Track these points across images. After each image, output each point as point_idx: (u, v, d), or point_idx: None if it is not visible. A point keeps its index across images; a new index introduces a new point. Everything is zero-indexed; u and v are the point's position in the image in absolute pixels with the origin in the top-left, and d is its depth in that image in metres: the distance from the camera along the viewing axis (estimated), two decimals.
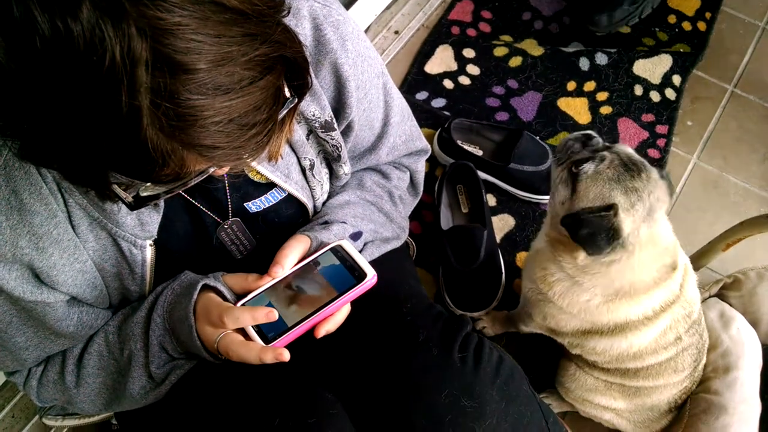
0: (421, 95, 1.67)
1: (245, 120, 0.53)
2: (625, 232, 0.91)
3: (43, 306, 0.76)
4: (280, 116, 0.59)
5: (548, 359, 1.23)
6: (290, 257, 0.81)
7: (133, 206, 0.61)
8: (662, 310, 1.01)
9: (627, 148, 0.98)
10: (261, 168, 0.82)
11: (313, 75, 0.79)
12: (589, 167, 0.93)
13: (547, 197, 1.29)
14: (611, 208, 0.90)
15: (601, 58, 1.71)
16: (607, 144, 1.00)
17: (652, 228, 0.95)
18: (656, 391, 1.11)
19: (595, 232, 0.90)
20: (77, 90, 0.46)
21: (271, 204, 0.88)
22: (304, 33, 0.79)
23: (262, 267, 0.80)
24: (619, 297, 0.99)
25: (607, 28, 1.73)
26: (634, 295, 0.98)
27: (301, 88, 0.62)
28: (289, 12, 0.57)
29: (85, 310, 0.82)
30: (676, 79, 1.69)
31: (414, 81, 1.69)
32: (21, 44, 0.45)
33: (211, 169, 0.59)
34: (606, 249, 0.91)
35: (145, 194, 0.60)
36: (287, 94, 0.60)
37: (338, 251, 0.82)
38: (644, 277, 0.98)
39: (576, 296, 1.01)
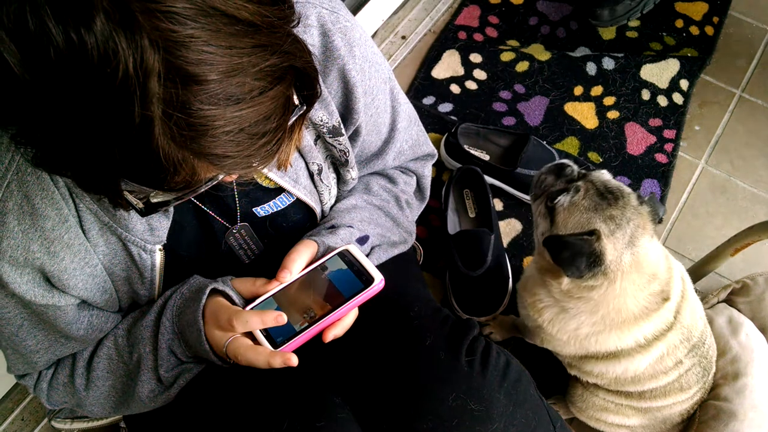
0: (428, 100, 1.67)
1: (255, 129, 0.54)
2: (607, 259, 0.91)
3: (53, 309, 0.77)
4: (289, 124, 0.59)
5: (556, 365, 1.23)
6: (298, 262, 0.81)
7: (144, 213, 0.62)
8: (655, 339, 1.00)
9: (603, 175, 0.97)
10: (270, 173, 0.83)
11: (321, 81, 0.80)
12: (564, 199, 0.94)
13: None
14: (593, 233, 0.91)
15: (609, 63, 1.71)
16: (582, 171, 0.99)
17: (636, 255, 0.93)
18: (666, 408, 1.11)
19: (576, 254, 0.90)
20: (91, 100, 0.47)
21: (279, 209, 0.89)
22: (313, 40, 0.79)
23: (270, 271, 0.81)
24: (607, 328, 0.98)
25: (609, 22, 1.72)
26: (623, 325, 0.98)
27: (311, 97, 0.62)
28: (299, 22, 0.58)
29: (95, 313, 0.83)
30: (684, 84, 1.69)
31: (421, 86, 1.69)
32: (36, 55, 0.45)
33: (221, 176, 0.60)
34: (586, 273, 0.91)
35: (155, 201, 0.61)
36: (296, 101, 0.60)
37: (345, 255, 0.83)
38: (630, 305, 0.96)
39: (564, 323, 1.02)
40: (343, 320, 0.78)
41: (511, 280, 1.38)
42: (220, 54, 0.49)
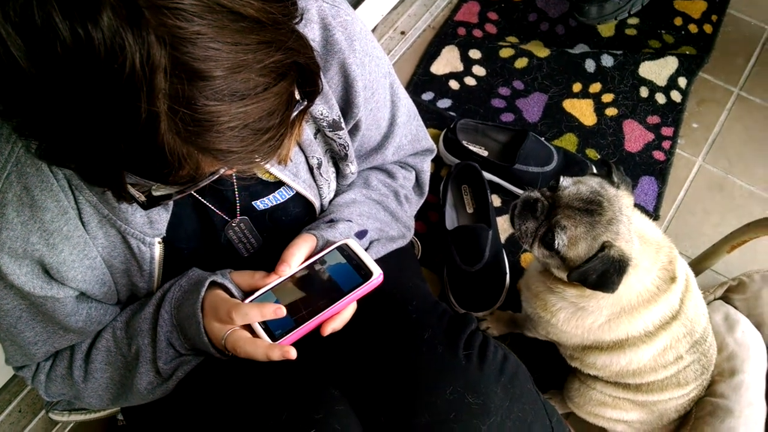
0: (427, 96, 1.67)
1: (259, 125, 0.54)
2: (628, 255, 0.93)
3: (52, 301, 0.77)
4: (291, 119, 0.59)
5: (553, 359, 1.24)
6: (297, 256, 0.81)
7: (146, 206, 0.62)
8: (661, 328, 1.01)
9: (570, 189, 0.96)
10: (270, 167, 0.83)
11: (321, 75, 0.80)
12: (561, 241, 0.94)
13: None
14: (603, 247, 0.92)
15: (607, 60, 1.71)
16: (550, 196, 0.98)
17: (637, 230, 0.97)
18: (662, 402, 1.12)
19: (603, 273, 0.92)
20: (97, 95, 0.47)
21: (278, 202, 0.89)
22: (313, 34, 0.79)
23: (269, 265, 0.81)
24: (620, 314, 1.00)
25: (596, 19, 1.71)
26: (634, 310, 1.00)
27: (312, 93, 0.62)
28: (302, 19, 0.58)
29: (93, 305, 0.83)
30: (682, 82, 1.69)
31: (420, 81, 1.70)
32: (42, 50, 0.45)
33: (222, 170, 0.60)
34: (621, 281, 0.93)
35: (157, 194, 0.61)
36: (297, 97, 0.61)
37: (344, 250, 0.83)
38: (647, 283, 0.98)
39: (581, 320, 1.03)
40: (341, 314, 0.79)
41: (508, 275, 1.38)
42: (225, 50, 0.49)
